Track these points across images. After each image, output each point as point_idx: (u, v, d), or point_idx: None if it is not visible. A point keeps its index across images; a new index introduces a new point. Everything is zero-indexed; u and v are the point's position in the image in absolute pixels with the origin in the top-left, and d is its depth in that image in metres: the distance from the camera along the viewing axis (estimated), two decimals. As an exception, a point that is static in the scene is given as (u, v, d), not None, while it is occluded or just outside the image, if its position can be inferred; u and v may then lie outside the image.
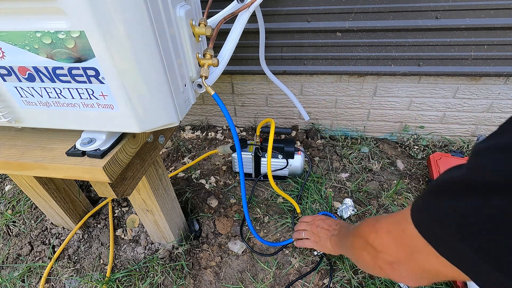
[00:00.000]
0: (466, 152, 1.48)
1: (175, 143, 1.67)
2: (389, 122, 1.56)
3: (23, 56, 0.54)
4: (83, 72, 0.54)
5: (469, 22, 1.15)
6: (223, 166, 1.52)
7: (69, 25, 0.48)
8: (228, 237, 1.20)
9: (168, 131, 0.90)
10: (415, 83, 1.39)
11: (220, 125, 1.79)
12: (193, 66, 0.71)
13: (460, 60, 1.26)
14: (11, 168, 0.68)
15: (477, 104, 1.42)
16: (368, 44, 1.27)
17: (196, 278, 1.07)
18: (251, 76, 1.52)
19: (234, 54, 0.85)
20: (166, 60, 0.59)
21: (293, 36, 1.30)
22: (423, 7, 1.14)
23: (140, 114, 0.60)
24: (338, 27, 1.23)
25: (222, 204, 1.32)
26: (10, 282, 1.10)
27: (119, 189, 0.72)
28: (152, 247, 1.16)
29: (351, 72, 1.37)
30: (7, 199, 1.43)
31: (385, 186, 1.35)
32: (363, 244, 0.57)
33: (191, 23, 0.66)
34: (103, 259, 1.16)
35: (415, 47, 1.25)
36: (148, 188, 0.91)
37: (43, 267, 1.14)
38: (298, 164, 1.32)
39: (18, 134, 0.75)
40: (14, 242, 1.24)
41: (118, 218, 1.29)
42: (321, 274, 1.06)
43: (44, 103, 0.62)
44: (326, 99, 1.53)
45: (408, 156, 1.51)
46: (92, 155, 0.62)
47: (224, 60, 0.81)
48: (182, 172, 1.49)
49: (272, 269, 1.08)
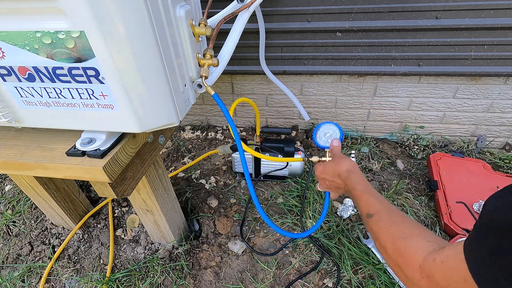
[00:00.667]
0: (466, 152, 1.48)
1: (175, 143, 1.67)
2: (389, 122, 1.56)
3: (23, 56, 0.54)
4: (83, 72, 0.54)
5: (469, 22, 1.15)
6: (223, 166, 1.52)
7: (69, 25, 0.48)
8: (228, 237, 1.19)
9: (168, 131, 0.90)
10: (415, 83, 1.39)
11: (220, 125, 1.79)
12: (193, 66, 0.71)
13: (460, 60, 1.26)
14: (11, 168, 0.68)
15: (477, 104, 1.42)
16: (368, 44, 1.27)
17: (196, 278, 1.07)
18: (251, 76, 1.52)
19: (234, 54, 0.85)
20: (166, 60, 0.59)
21: (293, 36, 1.30)
22: (423, 7, 1.14)
23: (140, 114, 0.60)
24: (338, 27, 1.23)
25: (222, 204, 1.32)
26: (10, 282, 1.10)
27: (119, 189, 0.72)
28: (152, 247, 1.16)
29: (351, 72, 1.37)
30: (7, 199, 1.43)
31: (385, 186, 1.35)
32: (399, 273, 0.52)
33: (191, 23, 0.66)
34: (103, 259, 1.16)
35: (415, 47, 1.25)
36: (148, 188, 0.90)
37: (43, 267, 1.13)
38: (298, 164, 1.32)
39: (18, 134, 0.75)
40: (14, 242, 1.24)
41: (118, 218, 1.29)
42: (321, 274, 1.06)
43: (44, 103, 0.62)
44: (326, 99, 1.53)
45: (408, 156, 1.51)
46: (92, 155, 0.62)
47: (224, 60, 0.81)
48: (182, 172, 1.49)
49: (272, 269, 1.08)
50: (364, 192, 0.67)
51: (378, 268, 1.03)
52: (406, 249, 0.50)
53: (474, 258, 0.36)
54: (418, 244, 0.48)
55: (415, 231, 0.52)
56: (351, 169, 0.74)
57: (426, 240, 0.48)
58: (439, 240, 0.48)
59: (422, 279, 0.45)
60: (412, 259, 0.48)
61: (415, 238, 0.50)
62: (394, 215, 0.58)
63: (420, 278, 0.46)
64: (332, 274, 1.05)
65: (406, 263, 0.49)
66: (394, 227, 0.55)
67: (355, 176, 0.72)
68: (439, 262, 0.42)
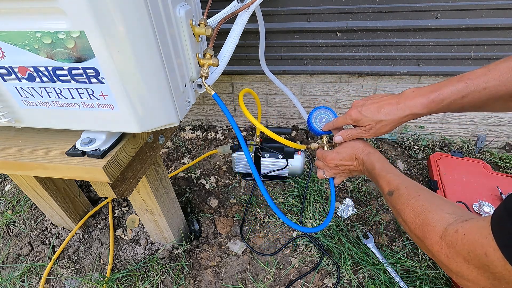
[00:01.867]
0: (466, 152, 1.48)
1: (175, 143, 1.67)
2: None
3: (23, 56, 0.54)
4: (83, 72, 0.54)
5: (469, 22, 1.15)
6: (223, 166, 1.52)
7: (69, 25, 0.48)
8: (228, 237, 1.19)
9: (168, 131, 0.90)
10: (415, 83, 1.39)
11: (220, 125, 1.79)
12: (193, 66, 0.71)
13: (460, 60, 1.26)
14: (11, 168, 0.68)
15: (477, 104, 1.42)
16: (368, 44, 1.27)
17: (196, 278, 1.07)
18: (251, 76, 1.52)
19: (234, 54, 0.85)
20: (166, 60, 0.59)
21: (293, 36, 1.30)
22: (423, 7, 1.14)
23: (140, 114, 0.60)
24: (338, 27, 1.23)
25: (222, 204, 1.32)
26: (10, 282, 1.10)
27: (119, 189, 0.72)
28: (152, 247, 1.16)
29: (351, 72, 1.37)
30: (7, 199, 1.43)
31: (385, 186, 1.35)
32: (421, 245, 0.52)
33: (191, 23, 0.66)
34: (103, 259, 1.16)
35: (415, 47, 1.25)
36: (148, 188, 0.90)
37: (43, 267, 1.14)
38: (298, 164, 1.32)
39: (18, 134, 0.75)
40: (14, 242, 1.24)
41: (118, 218, 1.29)
42: (321, 274, 1.06)
43: (44, 103, 0.62)
44: (326, 99, 1.53)
45: (408, 156, 1.51)
46: (92, 155, 0.62)
47: (224, 60, 0.81)
48: (182, 172, 1.49)
49: (272, 269, 1.08)
50: (382, 170, 0.66)
51: (378, 268, 1.03)
52: (427, 221, 0.50)
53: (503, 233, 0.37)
54: (439, 216, 0.49)
55: (435, 203, 0.52)
56: (369, 150, 0.73)
57: (446, 212, 0.49)
58: (461, 211, 0.49)
59: (442, 249, 0.46)
60: (433, 231, 0.48)
61: (435, 211, 0.50)
62: (413, 189, 0.58)
63: (439, 249, 0.46)
64: (332, 274, 1.05)
65: (426, 235, 0.50)
66: (413, 200, 0.55)
67: (373, 156, 0.71)
68: (461, 234, 0.43)
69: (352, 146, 0.78)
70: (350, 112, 0.73)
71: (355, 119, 0.71)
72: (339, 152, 0.80)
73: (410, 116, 0.65)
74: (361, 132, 0.73)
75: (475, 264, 0.40)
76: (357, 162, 0.75)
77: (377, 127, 0.69)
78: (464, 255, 0.42)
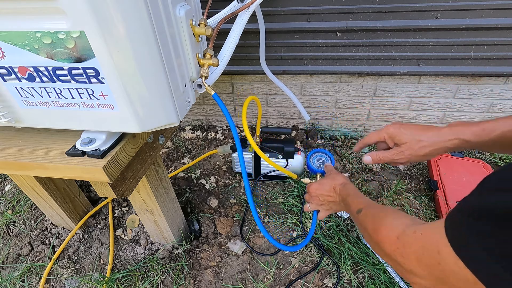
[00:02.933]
0: (466, 152, 1.48)
1: (175, 143, 1.67)
2: (389, 122, 1.56)
3: (23, 56, 0.54)
4: (83, 72, 0.54)
5: (469, 22, 1.15)
6: (223, 166, 1.52)
7: (69, 25, 0.48)
8: (228, 237, 1.20)
9: (168, 131, 0.90)
10: (415, 83, 1.39)
11: (220, 125, 1.79)
12: (193, 66, 0.71)
13: (460, 60, 1.26)
14: (11, 168, 0.68)
15: (477, 104, 1.42)
16: (368, 44, 1.27)
17: (196, 278, 1.07)
18: (251, 76, 1.52)
19: (234, 54, 0.85)
20: (166, 60, 0.59)
21: (293, 36, 1.30)
22: (423, 7, 1.14)
23: (140, 114, 0.60)
24: (338, 27, 1.23)
25: (222, 204, 1.32)
26: (10, 282, 1.10)
27: (119, 189, 0.72)
28: (152, 247, 1.16)
29: (351, 72, 1.37)
30: (7, 199, 1.43)
31: (385, 186, 1.35)
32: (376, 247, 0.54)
33: (191, 23, 0.66)
34: (103, 259, 1.16)
35: (415, 47, 1.25)
36: (148, 188, 0.91)
37: (43, 267, 1.14)
38: (298, 164, 1.32)
39: (18, 134, 0.75)
40: (14, 242, 1.24)
41: (118, 218, 1.29)
42: (321, 274, 1.06)
43: (44, 103, 0.62)
44: (326, 99, 1.53)
45: (408, 156, 1.51)
46: (92, 155, 0.62)
47: (224, 60, 0.81)
48: (182, 172, 1.49)
49: (272, 269, 1.08)
50: (355, 196, 0.72)
51: (378, 268, 1.03)
52: (386, 225, 0.53)
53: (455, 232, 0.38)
54: (399, 221, 0.51)
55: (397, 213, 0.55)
56: (346, 182, 0.80)
57: (404, 217, 0.52)
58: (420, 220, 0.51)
59: (397, 249, 0.47)
60: (391, 232, 0.50)
61: (396, 218, 0.53)
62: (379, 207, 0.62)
63: (395, 248, 0.48)
64: (332, 274, 1.05)
65: (384, 237, 0.51)
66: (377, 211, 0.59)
67: (349, 186, 0.78)
68: (418, 234, 0.45)
69: (333, 178, 0.84)
70: (389, 126, 0.68)
71: (392, 134, 0.67)
72: (321, 183, 0.86)
73: (456, 142, 0.60)
74: (395, 154, 0.66)
75: (427, 262, 0.41)
76: (334, 193, 0.81)
77: (414, 148, 0.63)
78: (419, 254, 0.43)
